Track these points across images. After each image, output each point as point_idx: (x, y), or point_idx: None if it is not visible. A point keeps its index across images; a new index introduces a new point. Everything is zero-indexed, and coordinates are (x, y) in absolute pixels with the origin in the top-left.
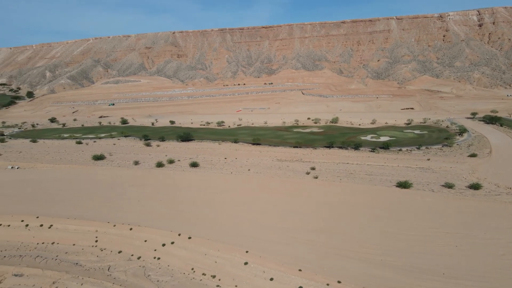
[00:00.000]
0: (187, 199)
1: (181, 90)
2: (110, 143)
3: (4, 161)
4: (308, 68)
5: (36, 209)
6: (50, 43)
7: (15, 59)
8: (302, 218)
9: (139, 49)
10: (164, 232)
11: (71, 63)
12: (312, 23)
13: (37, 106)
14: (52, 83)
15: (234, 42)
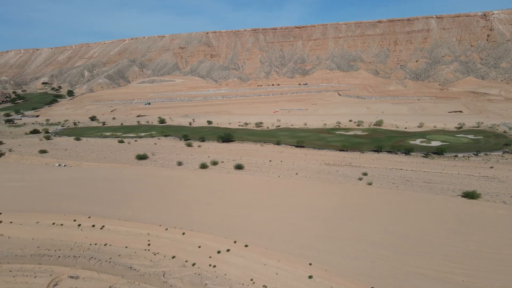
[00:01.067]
0: (237, 203)
1: (215, 90)
2: (151, 142)
3: (51, 158)
4: (342, 68)
5: (87, 209)
6: (89, 43)
7: (55, 59)
8: (363, 228)
9: (173, 49)
10: (218, 238)
11: (108, 63)
12: (347, 22)
13: (77, 104)
14: (90, 82)
15: (267, 42)
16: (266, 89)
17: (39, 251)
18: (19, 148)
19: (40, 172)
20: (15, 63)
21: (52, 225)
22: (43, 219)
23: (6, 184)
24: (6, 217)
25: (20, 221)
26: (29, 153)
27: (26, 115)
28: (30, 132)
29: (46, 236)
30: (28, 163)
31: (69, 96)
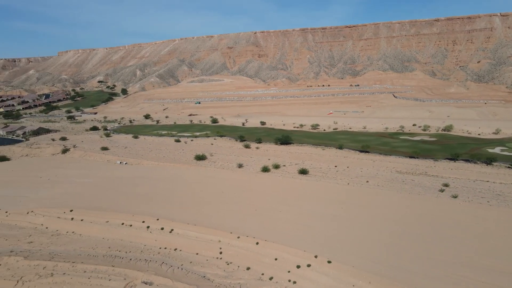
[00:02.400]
0: (309, 212)
1: (263, 90)
2: (208, 142)
3: (112, 155)
4: (396, 69)
5: (154, 210)
6: (141, 43)
7: (110, 59)
8: (460, 250)
9: (221, 49)
10: (296, 251)
11: (159, 63)
12: (400, 21)
13: (131, 102)
14: (142, 81)
15: (316, 42)
16: (316, 90)
17: (110, 252)
18: (82, 145)
19: (103, 169)
20: (73, 62)
21: (121, 225)
22: (113, 219)
23: (75, 180)
24: (78, 214)
25: (90, 219)
26: (92, 149)
27: (85, 112)
28: (90, 129)
29: (116, 236)
30: (91, 159)
31: (123, 94)
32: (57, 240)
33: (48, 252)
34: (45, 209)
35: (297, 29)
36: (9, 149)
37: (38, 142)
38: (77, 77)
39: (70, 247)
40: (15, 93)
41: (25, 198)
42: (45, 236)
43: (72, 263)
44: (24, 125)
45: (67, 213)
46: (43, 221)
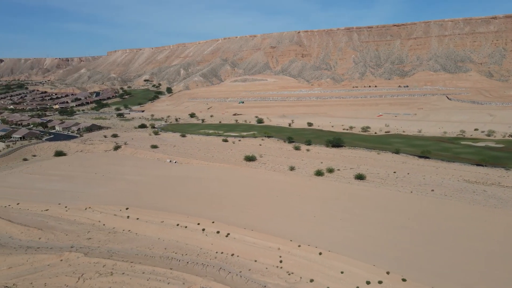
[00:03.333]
0: (375, 222)
1: (307, 90)
2: (255, 143)
3: (162, 154)
4: (449, 70)
5: (208, 212)
6: (185, 43)
7: (155, 58)
8: None
9: (264, 49)
10: (365, 265)
11: (202, 62)
12: (453, 19)
13: (176, 101)
14: (186, 80)
15: (361, 41)
16: (363, 90)
17: (166, 253)
18: (132, 142)
19: (154, 167)
20: (121, 61)
21: (176, 226)
22: (167, 219)
23: (128, 178)
24: (133, 212)
25: (145, 219)
26: (142, 147)
27: (133, 110)
28: (138, 126)
29: (172, 237)
30: (141, 157)
31: (168, 93)
32: (114, 238)
33: (107, 249)
34: (102, 206)
35: (341, 28)
36: (65, 145)
37: (91, 138)
38: (125, 75)
39: (127, 245)
40: (69, 91)
41: (83, 194)
42: (103, 233)
43: (131, 263)
44: (78, 122)
45: (123, 211)
46: (100, 218)
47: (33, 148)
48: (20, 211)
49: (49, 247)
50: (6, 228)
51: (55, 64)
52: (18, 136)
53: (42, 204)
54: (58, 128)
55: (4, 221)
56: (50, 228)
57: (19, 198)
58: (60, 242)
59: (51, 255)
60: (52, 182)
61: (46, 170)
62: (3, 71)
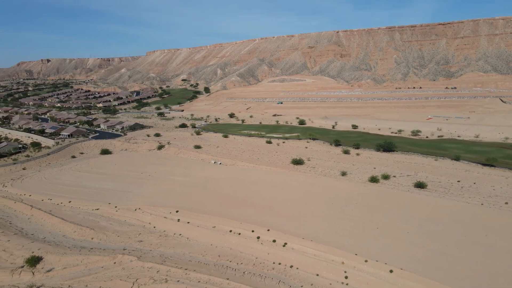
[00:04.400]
0: (446, 237)
1: (347, 91)
2: (301, 145)
3: (206, 154)
4: (500, 71)
5: (262, 219)
6: (221, 43)
7: (192, 58)
8: None
9: (301, 49)
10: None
11: (239, 62)
12: (505, 17)
13: (214, 101)
14: (223, 80)
15: (404, 41)
16: (406, 92)
17: (221, 261)
18: (175, 142)
19: (199, 168)
20: (159, 61)
21: (229, 233)
22: (219, 224)
23: (174, 178)
24: (183, 215)
25: (197, 223)
26: (185, 147)
27: (172, 109)
28: (179, 126)
29: (225, 244)
30: (185, 157)
31: (206, 93)
32: (166, 241)
33: (159, 254)
34: (152, 207)
35: (382, 27)
36: (110, 143)
37: (135, 137)
38: (163, 75)
39: (179, 250)
40: (110, 90)
41: (131, 194)
42: (154, 236)
43: (185, 270)
44: (122, 121)
45: (173, 213)
46: (150, 220)
47: (80, 146)
48: (72, 209)
49: (102, 248)
50: (60, 226)
51: (97, 64)
52: (66, 133)
53: (93, 203)
54: (103, 126)
55: (57, 219)
56: (101, 228)
57: (70, 196)
58: (112, 243)
59: (104, 256)
60: (100, 181)
61: (93, 168)
62: (50, 71)
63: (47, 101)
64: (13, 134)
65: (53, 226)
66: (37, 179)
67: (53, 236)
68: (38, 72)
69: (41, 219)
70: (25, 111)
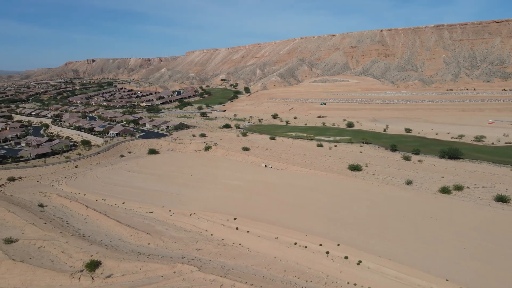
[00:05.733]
0: None
1: (393, 92)
2: (355, 150)
3: (255, 157)
4: None
5: (330, 231)
6: (260, 43)
7: (231, 58)
8: None
9: (343, 48)
10: None
11: (278, 62)
12: None
13: (255, 101)
14: (263, 80)
15: (453, 40)
16: (459, 94)
17: (287, 277)
18: (221, 143)
19: (250, 172)
20: (198, 61)
21: (294, 245)
22: (283, 235)
23: (225, 182)
24: (242, 223)
25: (257, 232)
26: (232, 148)
27: (214, 109)
28: (222, 126)
29: (290, 257)
30: (233, 159)
31: (246, 93)
32: (225, 251)
33: (220, 264)
34: (207, 213)
35: (430, 25)
36: (157, 143)
37: (180, 137)
38: (202, 75)
39: (241, 262)
40: (152, 89)
41: (183, 197)
42: (212, 244)
43: (251, 286)
44: (167, 120)
45: (230, 221)
46: (207, 227)
47: (128, 145)
48: (126, 211)
49: (160, 255)
50: (115, 229)
51: (138, 64)
52: (114, 132)
53: (146, 205)
54: (148, 125)
55: (113, 221)
56: (157, 233)
57: (123, 197)
58: (169, 250)
59: (163, 265)
60: (151, 182)
61: (143, 169)
62: (95, 70)
63: (93, 100)
64: (64, 132)
65: (109, 228)
66: (90, 178)
67: (109, 239)
68: (84, 71)
69: (96, 220)
70: (74, 109)
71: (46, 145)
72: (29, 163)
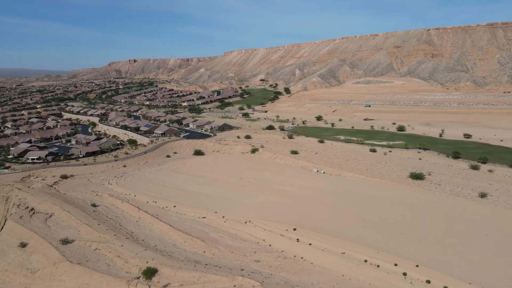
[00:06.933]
0: None
1: (443, 94)
2: (412, 156)
3: (305, 161)
4: None
5: (402, 248)
6: (299, 43)
7: (269, 58)
8: None
9: (387, 48)
10: None
11: (318, 62)
12: None
13: (297, 102)
14: (303, 80)
15: (508, 39)
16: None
17: None
18: (267, 145)
19: (303, 177)
20: (236, 61)
21: (364, 263)
22: (350, 250)
23: (277, 187)
24: (302, 235)
25: (320, 246)
26: (280, 151)
27: (256, 110)
28: (266, 128)
29: (361, 277)
30: (282, 163)
31: (287, 94)
32: (286, 264)
33: (283, 280)
34: (264, 222)
35: (482, 24)
36: (201, 144)
37: (225, 138)
38: (240, 75)
39: (306, 278)
40: (192, 89)
41: (235, 202)
42: (271, 256)
43: None
44: (210, 120)
45: (290, 231)
46: (264, 236)
47: (173, 145)
48: (178, 215)
49: (217, 265)
50: (169, 234)
51: (177, 64)
52: (159, 132)
53: (198, 209)
54: (192, 126)
55: (166, 225)
56: (212, 241)
57: (173, 200)
58: (226, 260)
59: (222, 277)
60: (200, 184)
61: (190, 170)
62: (136, 70)
63: (136, 99)
64: (111, 131)
65: (162, 233)
66: (139, 178)
67: (163, 244)
68: (126, 71)
69: (149, 224)
70: (119, 108)
71: (95, 143)
72: (80, 161)
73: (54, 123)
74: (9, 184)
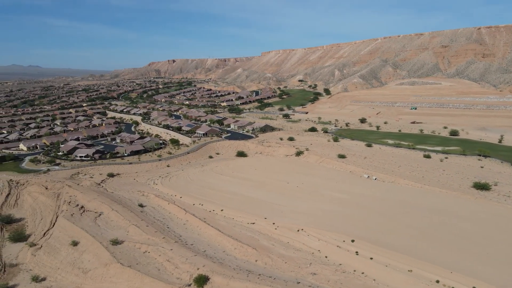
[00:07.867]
0: None
1: (497, 97)
2: (471, 163)
3: (355, 166)
4: None
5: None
6: (339, 43)
7: (307, 58)
8: None
9: (433, 48)
10: None
11: (358, 63)
12: None
13: (338, 103)
14: (343, 81)
15: None
16: None
17: None
18: (312, 148)
19: (353, 183)
20: (274, 62)
21: (436, 283)
22: (418, 268)
23: (328, 193)
24: (362, 247)
25: (383, 261)
26: (326, 155)
27: (296, 111)
28: (308, 130)
29: None
30: (329, 167)
31: (326, 95)
32: (346, 279)
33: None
34: (318, 230)
35: None
36: (244, 145)
37: (267, 139)
38: (278, 75)
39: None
40: (230, 89)
41: (285, 208)
42: (329, 269)
43: None
44: (251, 121)
45: (347, 242)
46: (319, 247)
47: (215, 146)
48: (226, 219)
49: (271, 276)
50: (218, 239)
51: (215, 64)
52: (201, 132)
53: (247, 214)
54: (233, 126)
55: (214, 230)
56: (264, 249)
57: (220, 203)
58: (280, 271)
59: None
60: (245, 187)
61: (234, 172)
62: (175, 70)
63: (176, 99)
64: (153, 130)
65: (211, 238)
66: (183, 179)
67: (213, 250)
68: (165, 71)
69: (196, 227)
70: (160, 108)
71: (139, 142)
72: (125, 159)
73: (99, 121)
74: (60, 181)
